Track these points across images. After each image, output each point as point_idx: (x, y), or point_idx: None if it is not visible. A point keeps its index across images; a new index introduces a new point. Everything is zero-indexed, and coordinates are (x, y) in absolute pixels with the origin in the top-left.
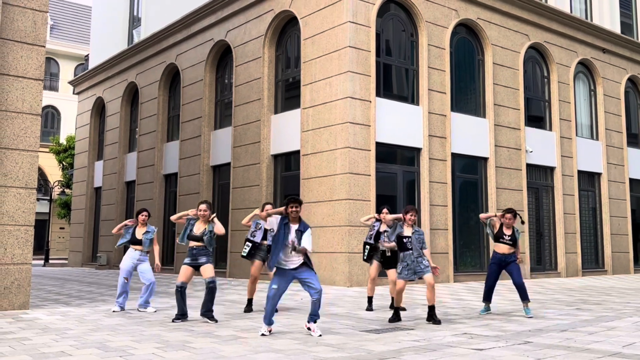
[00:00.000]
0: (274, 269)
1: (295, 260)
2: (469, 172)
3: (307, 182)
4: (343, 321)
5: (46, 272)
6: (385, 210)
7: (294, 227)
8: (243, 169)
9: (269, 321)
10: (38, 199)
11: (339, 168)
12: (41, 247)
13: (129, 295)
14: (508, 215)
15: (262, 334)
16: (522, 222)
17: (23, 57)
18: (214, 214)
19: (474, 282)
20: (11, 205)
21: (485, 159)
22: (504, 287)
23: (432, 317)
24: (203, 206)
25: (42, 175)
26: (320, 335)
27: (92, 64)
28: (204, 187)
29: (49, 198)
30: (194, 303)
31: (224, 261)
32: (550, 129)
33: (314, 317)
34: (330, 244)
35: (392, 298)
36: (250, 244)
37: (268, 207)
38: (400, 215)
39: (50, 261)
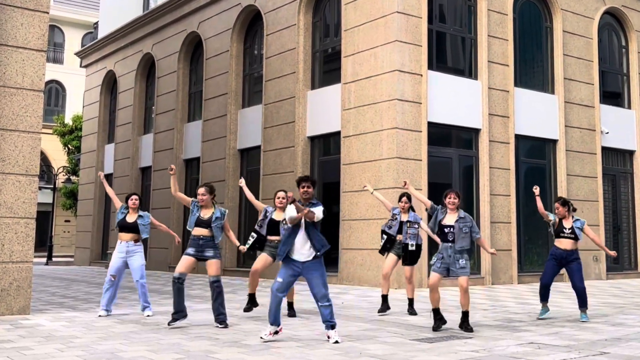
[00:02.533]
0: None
1: (304, 251)
2: (535, 157)
3: (348, 168)
4: (390, 328)
5: (49, 272)
6: (404, 199)
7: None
8: (275, 152)
9: (273, 319)
10: (40, 188)
11: (385, 152)
12: (43, 243)
13: (117, 297)
14: (557, 205)
15: (261, 337)
16: (574, 210)
17: (23, 25)
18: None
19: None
20: (10, 194)
21: (554, 142)
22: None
23: (464, 324)
24: (200, 190)
25: (44, 160)
26: (336, 342)
27: (101, 33)
28: (230, 173)
29: (52, 186)
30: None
31: (252, 259)
32: (629, 107)
33: (328, 323)
34: (374, 240)
35: (409, 300)
36: (255, 236)
37: (280, 194)
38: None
39: (54, 259)
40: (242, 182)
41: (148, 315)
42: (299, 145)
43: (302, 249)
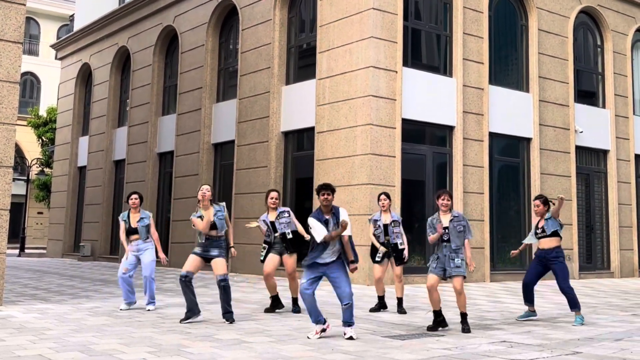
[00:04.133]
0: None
1: (329, 255)
2: (509, 155)
3: (322, 164)
4: (362, 325)
5: (22, 263)
6: (383, 197)
7: (325, 217)
8: (249, 147)
9: (316, 319)
10: (13, 179)
11: (359, 148)
12: (16, 234)
13: (134, 288)
14: (536, 202)
15: (308, 337)
16: (552, 204)
17: (0, 17)
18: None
19: (514, 282)
20: None
21: (528, 140)
22: (548, 287)
23: (463, 325)
24: (204, 187)
25: (18, 151)
26: (350, 338)
27: (77, 25)
28: (203, 167)
29: (25, 178)
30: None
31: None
32: (604, 106)
33: (347, 323)
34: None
35: (399, 299)
36: (266, 246)
37: (273, 194)
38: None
39: (26, 251)
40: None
41: (149, 310)
42: (273, 140)
43: (325, 254)
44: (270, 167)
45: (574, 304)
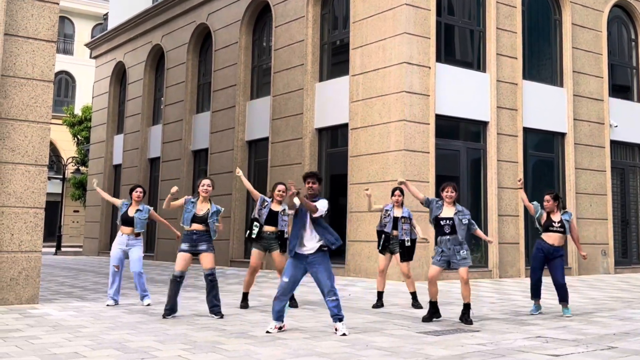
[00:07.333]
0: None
1: (311, 245)
2: (543, 150)
3: (355, 160)
4: (397, 321)
5: (58, 262)
6: (397, 192)
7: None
8: (283, 144)
9: (277, 316)
10: (49, 178)
11: (392, 144)
12: (52, 233)
13: (121, 287)
14: (547, 198)
15: (267, 332)
16: (563, 207)
17: (34, 16)
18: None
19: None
20: (19, 184)
21: (563, 135)
22: (583, 283)
23: (464, 316)
24: (206, 181)
25: (54, 150)
26: (344, 334)
27: (111, 24)
28: (238, 164)
29: (61, 177)
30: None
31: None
32: (639, 100)
33: (336, 317)
34: None
35: (412, 293)
36: (258, 225)
37: (281, 187)
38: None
39: (63, 249)
40: (240, 172)
41: (148, 305)
42: (307, 137)
43: (308, 244)
44: (304, 163)
45: (566, 298)
